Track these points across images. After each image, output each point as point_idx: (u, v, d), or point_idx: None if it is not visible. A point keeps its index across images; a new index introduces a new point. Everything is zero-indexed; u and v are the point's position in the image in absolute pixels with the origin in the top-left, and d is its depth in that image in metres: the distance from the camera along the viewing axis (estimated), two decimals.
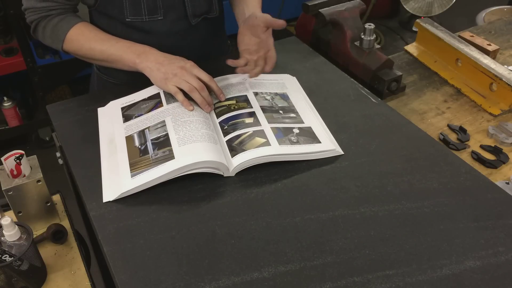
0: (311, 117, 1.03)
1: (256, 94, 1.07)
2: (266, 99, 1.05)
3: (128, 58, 1.04)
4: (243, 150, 0.91)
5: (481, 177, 0.91)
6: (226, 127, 0.98)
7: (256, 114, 1.00)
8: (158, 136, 0.94)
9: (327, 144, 0.95)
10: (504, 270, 0.75)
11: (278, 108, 1.03)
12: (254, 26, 1.09)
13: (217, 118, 1.01)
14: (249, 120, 0.99)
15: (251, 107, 1.02)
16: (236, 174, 0.91)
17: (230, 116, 1.00)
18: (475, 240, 0.79)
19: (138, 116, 1.01)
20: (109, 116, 1.04)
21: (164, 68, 1.01)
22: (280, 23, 1.07)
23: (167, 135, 0.93)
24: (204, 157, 0.88)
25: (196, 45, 1.23)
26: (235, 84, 1.10)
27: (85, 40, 1.07)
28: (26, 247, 0.83)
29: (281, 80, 1.14)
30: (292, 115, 1.02)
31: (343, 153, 0.95)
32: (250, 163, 0.90)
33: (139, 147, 0.94)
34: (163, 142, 0.92)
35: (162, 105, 1.01)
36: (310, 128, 0.99)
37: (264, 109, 1.02)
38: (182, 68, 1.00)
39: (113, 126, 1.01)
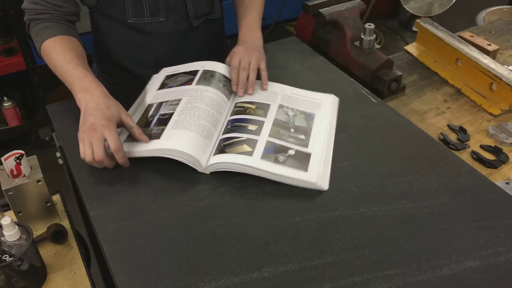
0: (320, 145, 0.95)
1: (280, 106, 1.04)
2: (287, 115, 1.02)
3: (74, 90, 0.98)
4: (225, 152, 0.91)
5: (481, 177, 0.91)
6: (230, 126, 0.98)
7: (264, 124, 0.98)
8: (166, 112, 0.99)
9: (311, 176, 0.88)
10: (504, 270, 0.75)
11: (291, 126, 0.99)
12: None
13: (231, 116, 1.01)
14: (253, 127, 0.97)
15: (264, 117, 1.00)
16: (236, 174, 0.91)
17: (239, 118, 1.00)
18: (475, 240, 0.79)
19: (170, 87, 1.07)
20: (153, 81, 1.13)
21: (85, 118, 0.92)
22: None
23: (172, 114, 0.97)
24: (182, 147, 0.90)
25: (197, 46, 1.23)
26: (268, 92, 1.08)
27: (53, 56, 1.03)
28: (26, 247, 0.83)
29: (320, 99, 1.08)
30: (301, 136, 0.97)
31: (326, 188, 0.88)
32: (224, 166, 0.89)
33: (149, 118, 0.99)
34: (165, 120, 0.97)
35: (191, 84, 1.04)
36: (309, 155, 0.92)
37: (275, 123, 0.98)
38: (92, 128, 0.89)
39: (149, 91, 1.09)
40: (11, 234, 0.84)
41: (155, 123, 0.97)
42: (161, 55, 1.21)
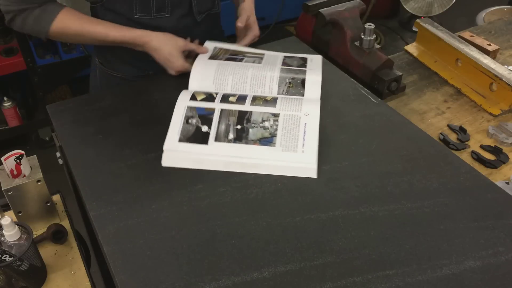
0: (222, 157, 0.92)
1: (275, 115, 0.96)
2: (263, 121, 0.96)
3: (132, 46, 1.14)
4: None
5: (481, 177, 0.91)
6: (233, 93, 1.05)
7: (240, 105, 0.99)
8: (242, 59, 1.15)
9: (168, 142, 0.94)
10: (504, 270, 0.75)
11: (247, 127, 0.95)
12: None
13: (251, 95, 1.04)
14: (233, 98, 1.01)
15: (250, 106, 0.98)
16: (236, 173, 0.91)
17: (241, 95, 1.03)
18: (475, 240, 0.79)
19: (284, 61, 1.16)
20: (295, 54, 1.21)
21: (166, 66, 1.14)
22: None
23: (241, 61, 1.14)
24: (196, 71, 1.09)
25: (198, 40, 1.24)
26: (298, 102, 1.00)
27: (73, 29, 1.10)
28: (26, 247, 0.83)
29: (301, 151, 0.93)
30: (231, 136, 0.94)
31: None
32: (182, 94, 1.03)
33: (235, 55, 1.16)
34: (233, 59, 1.14)
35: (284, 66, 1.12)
36: (205, 140, 0.94)
37: (242, 113, 0.97)
38: (179, 73, 1.13)
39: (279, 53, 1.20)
40: (11, 234, 0.84)
41: (229, 58, 1.15)
42: None
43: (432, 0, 2.73)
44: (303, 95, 1.05)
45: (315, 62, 1.15)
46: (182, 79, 1.09)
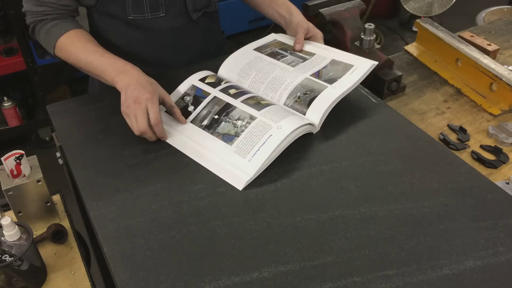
0: (184, 144, 0.96)
1: (259, 121, 0.95)
2: (236, 120, 0.96)
3: (108, 74, 1.01)
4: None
5: (481, 177, 0.91)
6: (241, 87, 1.06)
7: (232, 99, 1.00)
8: (279, 52, 1.15)
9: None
10: (504, 270, 0.75)
11: (226, 126, 0.95)
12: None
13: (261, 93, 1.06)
14: (233, 91, 1.03)
15: (236, 101, 0.99)
16: None
17: (243, 91, 1.04)
18: (475, 240, 0.79)
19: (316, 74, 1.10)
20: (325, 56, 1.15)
21: (128, 94, 0.95)
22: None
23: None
24: (228, 61, 1.13)
25: (196, 40, 1.24)
26: (287, 113, 0.97)
27: (73, 49, 1.06)
28: (26, 247, 0.83)
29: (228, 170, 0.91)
30: (203, 121, 0.97)
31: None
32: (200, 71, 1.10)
33: (278, 54, 1.15)
34: (275, 54, 1.15)
35: (313, 76, 1.07)
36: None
37: (226, 107, 0.98)
38: (136, 101, 0.93)
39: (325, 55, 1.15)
40: (11, 234, 0.85)
41: (274, 52, 1.15)
42: (161, 51, 1.21)
43: (432, 0, 2.73)
44: (304, 114, 0.99)
45: (353, 75, 1.05)
46: (184, 78, 1.09)
